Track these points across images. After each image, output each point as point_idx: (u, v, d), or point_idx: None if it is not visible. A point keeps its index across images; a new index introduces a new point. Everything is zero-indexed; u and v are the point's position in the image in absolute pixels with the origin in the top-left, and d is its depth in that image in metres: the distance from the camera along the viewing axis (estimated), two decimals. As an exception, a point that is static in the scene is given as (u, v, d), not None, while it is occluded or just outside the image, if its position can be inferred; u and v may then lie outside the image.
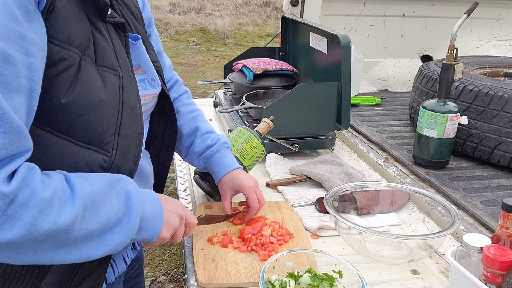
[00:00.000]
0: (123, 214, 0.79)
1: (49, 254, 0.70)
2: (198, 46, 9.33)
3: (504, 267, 0.85)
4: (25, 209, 0.65)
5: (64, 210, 0.69)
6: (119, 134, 0.83)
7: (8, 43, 0.63)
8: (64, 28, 0.72)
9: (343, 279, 0.94)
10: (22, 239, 0.65)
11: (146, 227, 0.84)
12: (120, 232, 0.78)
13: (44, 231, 0.67)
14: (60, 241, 0.70)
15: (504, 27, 2.82)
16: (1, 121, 0.62)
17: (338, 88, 1.66)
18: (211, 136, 1.24)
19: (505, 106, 1.53)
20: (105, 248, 0.76)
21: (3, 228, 0.63)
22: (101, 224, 0.75)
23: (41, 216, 0.66)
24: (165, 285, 2.60)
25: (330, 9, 2.51)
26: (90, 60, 0.78)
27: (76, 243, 0.72)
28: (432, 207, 1.30)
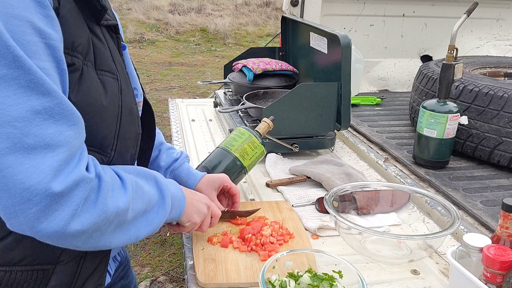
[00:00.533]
0: (158, 196, 0.89)
1: (112, 236, 0.78)
2: (198, 46, 9.33)
3: (504, 267, 0.85)
4: (99, 193, 0.73)
5: (121, 192, 0.79)
6: (119, 136, 0.85)
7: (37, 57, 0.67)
8: (68, 34, 0.73)
9: (343, 279, 0.94)
10: (98, 219, 0.72)
11: (174, 206, 0.94)
12: (159, 211, 0.88)
13: (113, 211, 0.75)
14: (121, 221, 0.78)
15: (504, 27, 2.82)
16: (70, 115, 0.69)
17: (338, 88, 1.66)
18: (174, 151, 1.28)
19: (505, 106, 1.53)
20: (149, 227, 0.85)
21: (84, 210, 0.70)
22: (145, 204, 0.84)
23: (110, 197, 0.75)
24: (165, 285, 2.60)
25: (330, 9, 2.51)
26: (91, 65, 0.79)
27: (129, 223, 0.81)
28: (432, 207, 1.30)
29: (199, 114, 2.31)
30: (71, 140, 0.69)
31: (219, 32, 9.95)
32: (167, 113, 2.45)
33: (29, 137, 0.65)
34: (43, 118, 0.66)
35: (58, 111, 0.68)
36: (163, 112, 5.06)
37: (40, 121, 0.66)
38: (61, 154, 0.67)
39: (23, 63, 0.64)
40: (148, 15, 10.64)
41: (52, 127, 0.67)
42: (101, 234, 0.75)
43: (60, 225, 0.68)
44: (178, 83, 6.66)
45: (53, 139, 0.67)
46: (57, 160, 0.67)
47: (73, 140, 0.69)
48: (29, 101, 0.65)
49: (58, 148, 0.67)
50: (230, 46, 9.40)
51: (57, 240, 0.71)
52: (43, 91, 0.66)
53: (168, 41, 9.48)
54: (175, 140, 1.94)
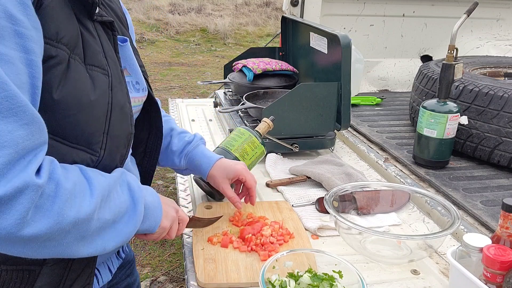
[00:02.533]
0: (129, 204, 0.82)
1: (70, 247, 0.72)
2: (198, 46, 9.33)
3: (504, 267, 0.85)
4: (53, 201, 0.67)
5: (85, 200, 0.72)
6: (108, 134, 0.82)
7: (2, 42, 0.62)
8: (52, 25, 0.71)
9: (343, 279, 0.94)
10: (51, 230, 0.67)
11: (148, 216, 0.88)
12: (129, 221, 0.82)
13: (70, 221, 0.69)
14: (82, 232, 0.72)
15: (504, 27, 2.82)
16: (22, 113, 0.63)
17: (338, 88, 1.66)
18: (187, 134, 1.25)
19: (505, 106, 1.53)
20: (118, 238, 0.79)
21: (34, 219, 0.65)
22: (114, 214, 0.78)
23: (67, 206, 0.69)
24: (165, 285, 2.60)
25: (330, 9, 2.51)
26: (79, 59, 0.77)
27: (94, 235, 0.75)
28: (432, 207, 1.30)
29: (199, 114, 2.31)
30: (20, 141, 0.62)
31: (219, 32, 9.95)
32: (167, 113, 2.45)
33: None
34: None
35: (7, 107, 0.61)
36: (163, 112, 5.05)
37: None
38: (6, 156, 0.61)
39: None
40: (148, 15, 10.64)
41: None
42: (56, 244, 0.70)
43: (3, 233, 0.62)
44: (178, 83, 6.67)
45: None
46: (1, 162, 0.60)
47: (23, 141, 0.63)
48: None
49: (4, 149, 0.61)
50: (230, 46, 9.40)
51: (5, 248, 0.66)
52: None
53: (168, 41, 9.48)
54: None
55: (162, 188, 3.49)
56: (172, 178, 3.64)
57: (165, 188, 3.49)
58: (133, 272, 1.21)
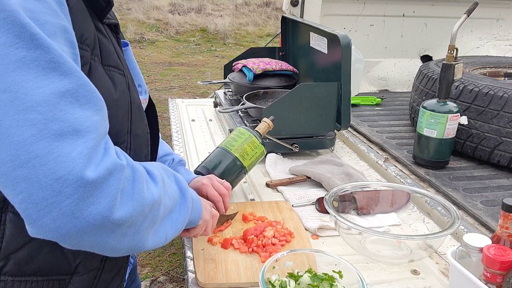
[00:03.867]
0: (179, 194, 0.85)
1: (145, 236, 0.73)
2: (198, 46, 9.33)
3: (504, 267, 0.85)
4: (134, 183, 0.68)
5: (152, 185, 0.74)
6: (131, 133, 0.83)
7: (56, 39, 0.63)
8: (77, 26, 0.71)
9: (343, 279, 0.94)
10: (135, 212, 0.67)
11: (193, 207, 0.90)
12: (181, 210, 0.84)
13: (148, 203, 0.70)
14: (154, 217, 0.73)
15: (504, 27, 2.82)
16: (95, 99, 0.66)
17: (338, 88, 1.65)
18: (168, 158, 1.24)
19: (505, 106, 1.53)
20: (175, 227, 0.81)
21: (122, 202, 0.65)
22: (172, 201, 0.80)
23: (145, 188, 0.71)
24: (165, 285, 2.60)
25: (330, 9, 2.50)
26: (98, 60, 0.77)
27: (160, 221, 0.77)
28: (432, 207, 1.30)
29: (199, 114, 2.31)
30: (99, 126, 0.65)
31: (219, 32, 9.95)
32: (167, 113, 2.45)
33: (55, 123, 0.60)
34: (68, 101, 0.61)
35: (83, 94, 0.64)
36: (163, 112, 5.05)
37: (66, 104, 0.61)
38: (90, 140, 0.62)
39: (41, 42, 0.60)
40: (148, 15, 10.64)
41: (78, 111, 0.62)
42: (135, 232, 0.70)
43: (98, 218, 0.62)
44: (178, 83, 6.66)
45: (81, 124, 0.62)
46: (87, 147, 0.61)
47: (100, 126, 0.65)
48: (51, 83, 0.60)
49: (88, 134, 0.62)
50: (230, 46, 9.40)
51: (90, 239, 0.64)
52: (65, 71, 0.62)
53: (168, 41, 9.48)
54: (175, 140, 1.94)
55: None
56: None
57: (165, 188, 3.49)
58: (136, 278, 1.22)
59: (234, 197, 1.42)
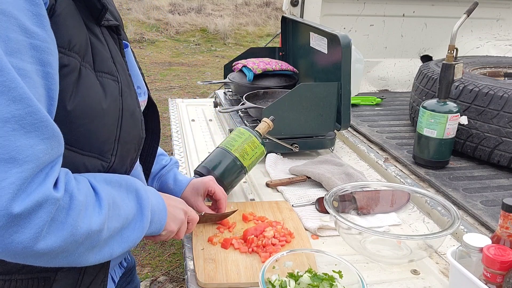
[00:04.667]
0: (137, 211, 0.83)
1: (81, 257, 0.72)
2: (198, 46, 9.33)
3: (504, 267, 0.85)
4: (68, 213, 0.67)
5: (95, 211, 0.72)
6: (119, 141, 0.82)
7: (18, 56, 0.61)
8: (65, 33, 0.70)
9: (343, 279, 0.94)
10: (65, 242, 0.67)
11: (154, 220, 0.89)
12: (136, 227, 0.82)
13: (83, 233, 0.69)
14: (93, 242, 0.73)
15: (504, 27, 2.82)
16: (44, 127, 0.63)
17: (338, 88, 1.65)
18: (164, 157, 1.26)
19: (505, 106, 1.53)
20: (124, 244, 0.80)
21: (49, 232, 0.64)
22: (122, 221, 0.79)
23: (80, 218, 0.69)
24: (165, 285, 2.60)
25: (330, 9, 2.51)
26: (89, 66, 0.76)
27: (103, 243, 0.75)
28: (432, 207, 1.30)
29: (199, 114, 2.31)
30: (41, 155, 0.63)
31: (219, 32, 9.95)
32: (167, 113, 2.45)
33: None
34: (12, 128, 0.59)
35: (30, 122, 0.61)
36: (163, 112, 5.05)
37: (8, 131, 0.59)
38: (27, 171, 0.61)
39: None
40: (148, 15, 10.64)
41: (21, 139, 0.60)
42: (68, 255, 0.70)
43: (19, 248, 0.62)
44: (178, 83, 6.67)
45: (21, 153, 0.60)
46: (21, 177, 0.60)
47: (44, 155, 0.63)
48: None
49: (25, 163, 0.60)
50: (230, 46, 9.40)
51: (16, 260, 0.66)
52: (15, 97, 0.59)
53: (168, 41, 9.48)
54: (175, 140, 1.94)
55: (162, 188, 3.49)
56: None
57: (165, 188, 3.49)
58: (133, 279, 1.21)
59: (234, 197, 1.42)
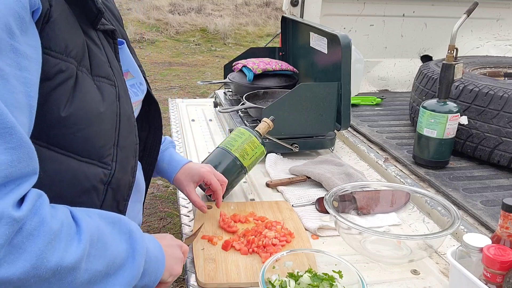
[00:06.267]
0: (128, 255, 0.73)
1: None
2: (198, 46, 9.33)
3: (504, 267, 0.85)
4: (33, 240, 0.58)
5: (71, 245, 0.63)
6: (118, 146, 0.81)
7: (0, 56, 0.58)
8: (61, 38, 0.69)
9: (343, 279, 0.94)
10: (26, 275, 0.57)
11: (148, 270, 0.79)
12: (124, 276, 0.72)
13: (50, 267, 0.60)
14: (66, 284, 0.63)
15: (504, 27, 2.82)
16: (9, 135, 0.56)
17: (338, 88, 1.65)
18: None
19: (505, 106, 1.52)
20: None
21: (7, 260, 0.56)
22: (107, 264, 0.69)
23: (49, 249, 0.60)
24: (165, 285, 2.60)
25: (330, 9, 2.50)
26: (86, 71, 0.75)
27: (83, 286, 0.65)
28: (432, 207, 1.30)
29: (199, 114, 2.31)
30: (3, 167, 0.55)
31: (219, 32, 9.95)
32: (167, 113, 2.45)
33: None
34: None
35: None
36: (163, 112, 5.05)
37: None
38: None
39: None
40: (148, 15, 10.64)
41: None
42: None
43: None
44: (178, 83, 6.66)
45: None
46: None
47: (6, 168, 0.56)
48: None
49: None
50: (230, 46, 9.40)
51: None
52: None
53: (168, 41, 9.48)
54: (175, 140, 1.94)
55: (162, 188, 3.49)
56: (172, 178, 3.63)
57: (165, 188, 3.49)
58: None
59: (234, 197, 1.42)
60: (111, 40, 0.86)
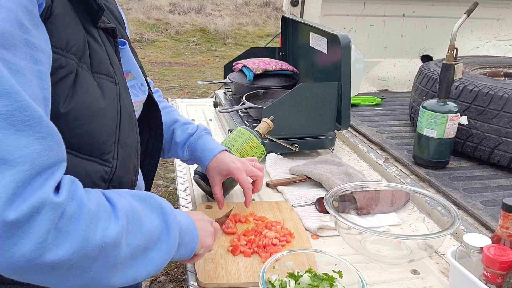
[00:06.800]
0: (162, 229, 0.76)
1: (99, 276, 0.66)
2: (198, 46, 9.33)
3: (504, 267, 0.85)
4: (76, 222, 0.61)
5: (110, 222, 0.66)
6: (119, 143, 0.81)
7: (12, 51, 0.59)
8: (62, 34, 0.69)
9: (343, 279, 0.94)
10: (75, 255, 0.61)
11: (184, 242, 0.82)
12: (162, 248, 0.75)
13: (96, 245, 0.63)
14: (111, 259, 0.66)
15: (504, 27, 2.82)
16: (38, 125, 0.58)
17: (338, 88, 1.66)
18: (190, 125, 1.24)
19: (505, 106, 1.53)
20: (149, 267, 0.73)
21: (56, 243, 0.59)
22: (145, 239, 0.72)
23: (91, 228, 0.63)
24: (165, 285, 2.60)
25: (330, 9, 2.50)
26: (86, 67, 0.75)
27: (125, 263, 0.69)
28: (432, 207, 1.30)
29: (199, 114, 2.31)
30: (37, 156, 0.57)
31: (219, 32, 9.95)
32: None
33: None
34: (0, 126, 0.55)
35: (21, 119, 0.56)
36: (163, 112, 5.06)
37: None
38: (21, 173, 0.55)
39: None
40: (148, 15, 10.64)
41: (11, 138, 0.55)
42: (82, 272, 0.63)
43: (22, 261, 0.56)
44: (178, 83, 6.67)
45: (12, 154, 0.55)
46: (15, 180, 0.55)
47: (40, 156, 0.58)
48: None
49: (19, 165, 0.55)
50: (230, 46, 9.40)
51: (23, 277, 0.59)
52: (0, 92, 0.55)
53: (168, 41, 9.48)
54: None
55: (162, 188, 3.49)
56: (172, 178, 3.64)
57: (165, 188, 3.49)
58: None
59: (234, 197, 1.42)
60: (112, 38, 0.86)
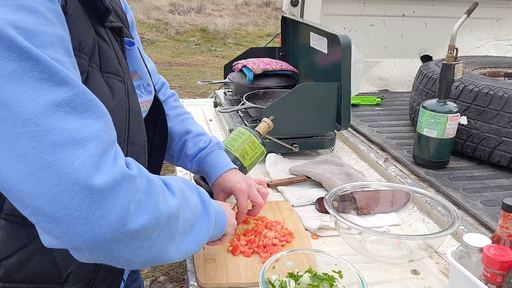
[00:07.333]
0: (201, 208, 0.83)
1: (163, 248, 0.71)
2: (198, 46, 9.33)
3: (504, 267, 0.85)
4: (149, 195, 0.67)
5: (169, 197, 0.73)
6: (128, 142, 0.82)
7: (52, 48, 0.61)
8: (75, 34, 0.70)
9: (343, 279, 0.94)
10: (150, 225, 0.66)
11: (217, 221, 0.88)
12: (204, 223, 0.82)
13: (164, 216, 0.69)
14: (172, 230, 0.72)
15: (504, 27, 2.82)
16: (94, 106, 0.63)
17: (338, 88, 1.66)
18: (203, 138, 1.22)
19: (505, 106, 1.53)
20: (196, 241, 0.79)
21: (136, 214, 0.63)
22: (192, 215, 0.79)
23: (161, 200, 0.69)
24: (165, 285, 2.60)
25: (330, 9, 2.50)
26: (96, 67, 0.76)
27: (181, 235, 0.75)
28: (432, 207, 1.30)
29: (199, 114, 2.31)
30: (101, 133, 0.62)
31: (219, 32, 9.95)
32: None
33: (53, 134, 0.58)
34: (65, 111, 0.59)
35: (81, 102, 0.61)
36: (163, 112, 5.05)
37: (62, 114, 0.59)
38: (92, 149, 0.60)
39: (31, 53, 0.58)
40: (148, 15, 10.64)
41: (76, 120, 0.60)
42: (151, 244, 0.68)
43: (109, 232, 0.60)
44: (178, 83, 6.66)
45: (80, 133, 0.60)
46: (90, 155, 0.59)
47: (103, 133, 0.63)
48: (46, 94, 0.58)
49: (88, 142, 0.60)
50: (230, 46, 9.40)
51: (103, 253, 0.63)
52: (60, 81, 0.60)
53: (168, 41, 9.48)
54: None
55: (162, 188, 3.49)
56: (172, 178, 3.63)
57: (165, 188, 3.50)
58: (138, 277, 1.21)
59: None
60: (118, 37, 0.87)
